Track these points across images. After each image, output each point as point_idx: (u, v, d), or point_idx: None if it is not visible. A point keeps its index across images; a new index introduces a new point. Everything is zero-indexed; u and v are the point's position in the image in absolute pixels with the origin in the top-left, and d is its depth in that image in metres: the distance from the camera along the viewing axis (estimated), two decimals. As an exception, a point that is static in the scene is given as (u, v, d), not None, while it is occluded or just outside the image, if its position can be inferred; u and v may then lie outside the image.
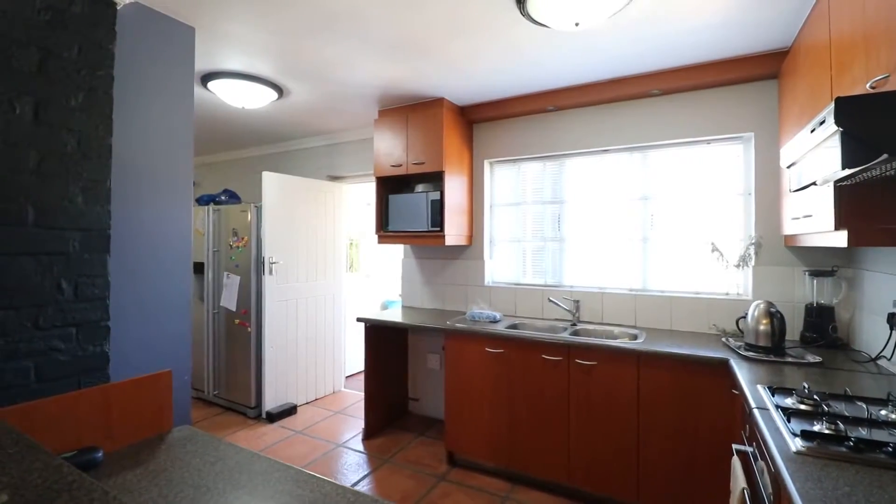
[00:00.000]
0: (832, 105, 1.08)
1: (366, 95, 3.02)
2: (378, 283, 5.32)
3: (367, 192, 5.22)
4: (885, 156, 1.02)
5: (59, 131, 1.55)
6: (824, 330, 2.17)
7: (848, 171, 1.12)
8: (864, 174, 1.24)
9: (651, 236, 2.80)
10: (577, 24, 1.72)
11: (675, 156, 2.75)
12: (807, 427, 1.17)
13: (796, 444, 1.10)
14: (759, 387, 1.56)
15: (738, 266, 2.51)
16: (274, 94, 2.84)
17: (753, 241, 2.45)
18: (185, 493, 0.95)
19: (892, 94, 1.02)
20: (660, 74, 2.57)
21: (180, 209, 2.00)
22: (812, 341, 2.19)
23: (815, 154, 1.31)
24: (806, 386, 1.42)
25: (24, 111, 1.48)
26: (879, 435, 1.13)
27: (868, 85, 1.21)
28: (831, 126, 1.09)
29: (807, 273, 2.29)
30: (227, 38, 2.21)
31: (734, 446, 1.52)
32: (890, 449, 1.04)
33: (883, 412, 1.25)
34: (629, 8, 1.86)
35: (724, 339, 2.32)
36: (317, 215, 3.92)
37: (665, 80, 2.57)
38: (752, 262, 2.47)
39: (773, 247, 2.42)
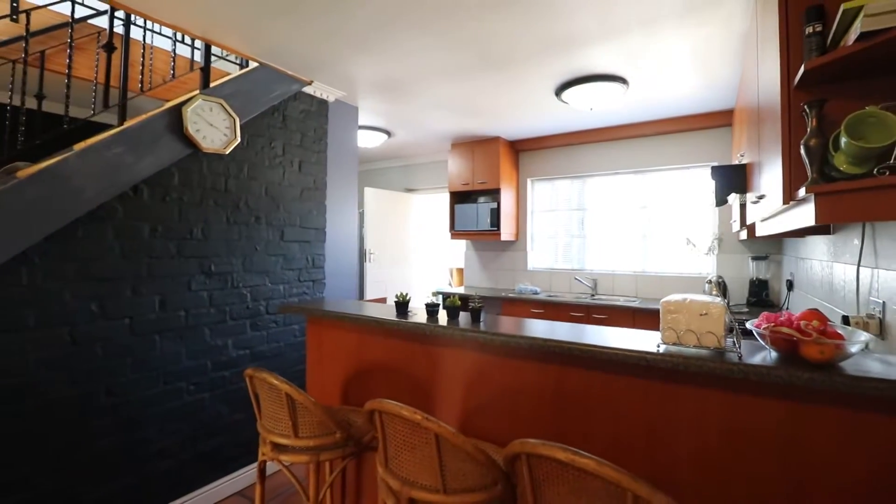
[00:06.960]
0: (710, 169, 2.26)
1: (443, 135, 4.29)
2: (429, 274, 6.62)
3: (423, 201, 6.52)
4: (734, 194, 2.19)
5: (308, 176, 2.89)
6: (760, 295, 3.29)
7: (732, 199, 2.28)
8: (742, 199, 2.39)
9: (648, 234, 3.95)
10: (591, 109, 2.93)
11: (665, 177, 3.89)
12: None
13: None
14: (697, 319, 2.72)
15: (706, 254, 3.64)
16: (385, 137, 4.15)
17: (717, 237, 3.58)
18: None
19: (733, 167, 2.19)
20: (653, 123, 3.73)
21: (350, 216, 3.30)
22: (752, 303, 3.31)
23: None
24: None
25: (295, 166, 2.81)
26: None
27: (739, 154, 2.37)
28: (710, 179, 2.27)
29: (751, 258, 3.40)
30: (366, 109, 3.51)
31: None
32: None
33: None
34: (628, 94, 3.04)
35: (693, 302, 3.45)
36: (397, 218, 5.22)
37: (657, 127, 3.73)
38: (717, 252, 3.59)
39: (730, 241, 3.54)
